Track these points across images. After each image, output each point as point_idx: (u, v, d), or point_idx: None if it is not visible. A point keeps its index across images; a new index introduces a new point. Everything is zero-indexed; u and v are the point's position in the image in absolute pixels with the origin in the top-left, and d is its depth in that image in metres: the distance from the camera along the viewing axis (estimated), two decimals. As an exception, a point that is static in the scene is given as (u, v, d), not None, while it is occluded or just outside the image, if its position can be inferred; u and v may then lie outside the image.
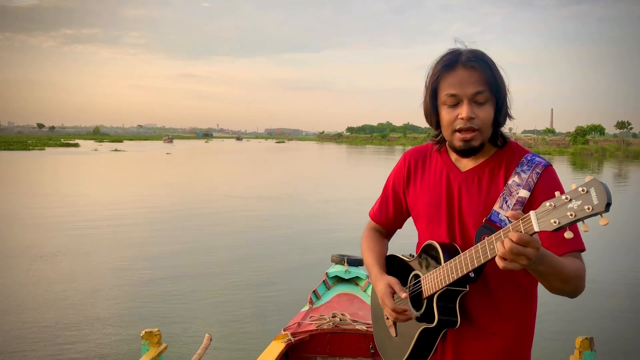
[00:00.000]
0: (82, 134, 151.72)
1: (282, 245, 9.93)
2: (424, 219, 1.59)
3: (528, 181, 1.42)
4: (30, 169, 29.36)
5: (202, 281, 7.54)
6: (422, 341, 1.53)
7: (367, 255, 1.73)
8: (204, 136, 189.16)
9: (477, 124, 1.43)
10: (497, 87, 1.43)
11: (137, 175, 26.16)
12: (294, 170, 32.32)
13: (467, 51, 1.43)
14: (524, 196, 1.41)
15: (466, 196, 1.50)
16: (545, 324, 6.00)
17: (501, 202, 1.43)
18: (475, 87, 1.41)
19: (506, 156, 1.49)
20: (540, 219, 1.15)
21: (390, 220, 1.75)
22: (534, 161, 1.45)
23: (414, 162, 1.65)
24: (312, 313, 3.86)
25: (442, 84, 1.45)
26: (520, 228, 1.19)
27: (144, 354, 2.78)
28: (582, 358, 2.73)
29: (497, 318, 1.49)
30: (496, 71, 1.43)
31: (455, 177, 1.53)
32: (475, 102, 1.42)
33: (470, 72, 1.41)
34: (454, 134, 1.47)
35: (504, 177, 1.46)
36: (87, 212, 13.55)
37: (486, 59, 1.42)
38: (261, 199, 17.00)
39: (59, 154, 45.12)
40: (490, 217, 1.43)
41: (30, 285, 7.15)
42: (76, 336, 5.47)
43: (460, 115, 1.43)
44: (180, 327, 5.72)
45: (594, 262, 8.98)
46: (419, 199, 1.61)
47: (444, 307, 1.47)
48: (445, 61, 1.44)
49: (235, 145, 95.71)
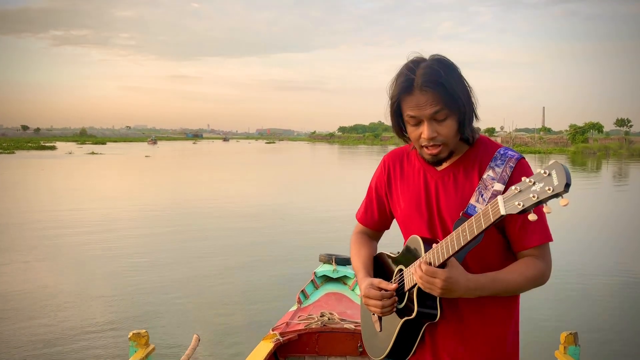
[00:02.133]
0: (68, 136, 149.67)
1: (270, 246, 9.92)
2: (406, 218, 1.65)
3: (502, 175, 1.47)
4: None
5: (189, 282, 7.51)
6: (403, 334, 1.57)
7: (354, 260, 1.80)
8: (193, 137, 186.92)
9: (440, 140, 1.49)
10: (455, 102, 1.46)
11: (97, 182, 22.80)
12: (280, 172, 32.13)
13: (422, 72, 1.45)
14: (498, 189, 1.46)
15: (443, 193, 1.56)
16: (530, 319, 6.06)
17: (477, 195, 1.49)
18: (432, 108, 1.45)
19: (480, 152, 1.56)
20: (507, 203, 1.21)
21: (376, 222, 1.81)
22: (507, 155, 1.50)
23: (392, 165, 1.72)
24: (301, 312, 3.87)
25: (403, 105, 1.51)
26: (489, 212, 1.26)
27: (131, 355, 2.77)
28: (567, 353, 2.77)
29: (481, 318, 1.54)
30: (452, 87, 1.45)
31: (432, 176, 1.60)
32: (435, 120, 1.47)
33: (426, 95, 1.45)
34: (421, 148, 1.54)
35: (479, 172, 1.52)
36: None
37: (441, 78, 1.44)
38: (246, 200, 16.96)
39: (25, 158, 42.04)
40: (467, 210, 1.49)
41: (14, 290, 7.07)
42: (63, 338, 5.43)
43: (423, 135, 1.49)
44: (168, 328, 5.70)
45: (578, 257, 9.11)
46: (401, 199, 1.67)
47: (424, 298, 1.50)
48: (402, 85, 1.48)
49: (222, 146, 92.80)
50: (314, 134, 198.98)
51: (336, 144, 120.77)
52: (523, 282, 1.47)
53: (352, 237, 1.87)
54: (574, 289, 7.34)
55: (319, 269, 4.73)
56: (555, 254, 1.55)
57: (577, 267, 8.38)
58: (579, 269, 8.30)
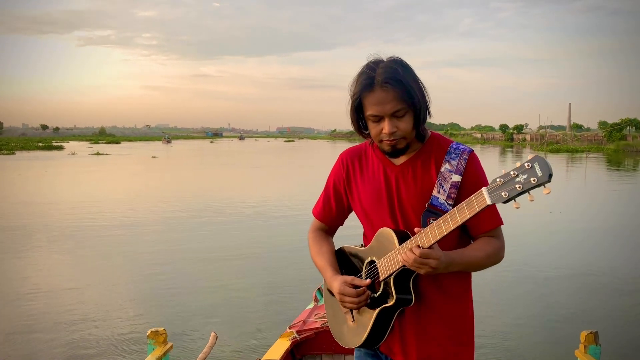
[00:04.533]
0: (87, 135, 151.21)
1: (287, 243, 9.94)
2: (368, 211, 1.76)
3: (458, 167, 1.63)
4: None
5: (207, 280, 7.57)
6: (379, 321, 1.66)
7: (318, 259, 1.87)
8: (212, 136, 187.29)
9: (399, 135, 1.62)
10: (412, 99, 1.58)
11: (74, 188, 19.64)
12: (296, 173, 32.09)
13: (382, 71, 1.57)
14: (456, 180, 1.62)
15: (403, 186, 1.68)
16: (549, 318, 6.00)
17: (438, 187, 1.63)
18: (393, 106, 1.57)
19: (434, 147, 1.69)
20: (492, 194, 1.34)
21: (333, 218, 1.91)
22: (460, 149, 1.66)
23: (350, 161, 1.83)
24: (317, 311, 3.87)
25: (365, 102, 1.62)
26: (474, 203, 1.38)
27: (150, 353, 2.80)
28: (587, 352, 2.74)
29: (442, 296, 1.68)
30: (410, 85, 1.57)
31: (392, 170, 1.71)
32: (395, 117, 1.59)
33: (387, 92, 1.56)
34: (381, 142, 1.65)
35: (435, 166, 1.66)
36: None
37: (400, 76, 1.56)
38: (263, 199, 17.02)
39: (19, 160, 38.93)
40: (432, 202, 1.63)
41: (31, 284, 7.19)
42: (82, 336, 5.50)
43: (384, 131, 1.61)
44: (186, 326, 5.74)
45: (600, 256, 8.97)
46: (361, 194, 1.77)
47: (400, 285, 1.62)
48: (364, 83, 1.59)
49: (238, 145, 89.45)
50: (335, 132, 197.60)
51: (357, 142, 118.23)
52: (484, 257, 1.63)
53: (310, 236, 1.95)
54: (596, 287, 7.23)
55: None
56: (579, 253, 1.55)
57: (601, 265, 8.26)
58: (602, 267, 8.17)
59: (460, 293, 1.72)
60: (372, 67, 1.59)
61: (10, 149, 55.27)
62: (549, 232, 11.18)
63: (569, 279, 7.55)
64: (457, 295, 1.71)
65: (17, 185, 20.67)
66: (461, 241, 1.70)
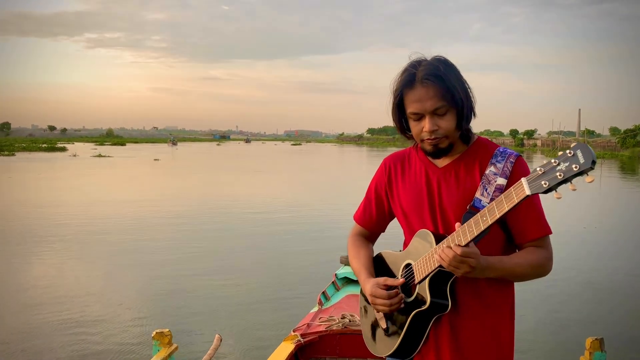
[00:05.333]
0: (95, 136, 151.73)
1: (291, 247, 9.95)
2: (409, 215, 1.71)
3: (504, 170, 1.56)
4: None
5: (212, 283, 7.57)
6: (413, 328, 1.59)
7: (354, 262, 1.83)
8: (220, 138, 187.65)
9: (441, 133, 1.57)
10: (454, 97, 1.54)
11: (54, 194, 17.96)
12: (296, 177, 32.04)
13: (423, 68, 1.55)
14: (501, 183, 1.55)
15: (445, 189, 1.63)
16: (554, 323, 5.97)
17: (482, 189, 1.57)
18: (433, 103, 1.54)
19: (479, 151, 1.64)
20: (531, 183, 1.26)
21: (374, 223, 1.86)
22: (506, 152, 1.60)
23: (393, 166, 1.79)
24: (322, 314, 3.87)
25: (406, 100, 1.59)
26: (513, 194, 1.30)
27: (155, 354, 2.81)
28: (593, 359, 2.72)
29: (481, 306, 1.60)
30: (451, 82, 1.54)
31: (434, 172, 1.66)
32: (436, 115, 1.56)
33: (427, 88, 1.53)
34: (423, 141, 1.62)
35: (480, 169, 1.60)
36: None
37: (441, 72, 1.53)
38: (268, 203, 17.04)
39: (15, 161, 37.18)
40: (474, 203, 1.56)
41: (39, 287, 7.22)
42: (87, 337, 5.53)
43: (425, 129, 1.57)
44: (190, 328, 5.76)
45: (608, 261, 8.92)
46: (403, 198, 1.73)
47: (436, 289, 1.54)
48: (404, 80, 1.57)
49: (244, 148, 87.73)
50: (342, 136, 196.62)
51: (364, 146, 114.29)
52: (526, 266, 1.55)
53: (349, 240, 1.90)
54: (602, 293, 7.19)
55: (339, 271, 4.73)
56: (586, 257, 1.54)
57: (607, 271, 8.21)
58: (608, 273, 8.13)
59: (500, 304, 1.63)
60: (414, 64, 1.57)
61: (11, 150, 54.02)
62: (555, 235, 11.11)
63: (575, 284, 7.50)
64: (497, 306, 1.62)
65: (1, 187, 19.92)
66: (506, 250, 1.62)
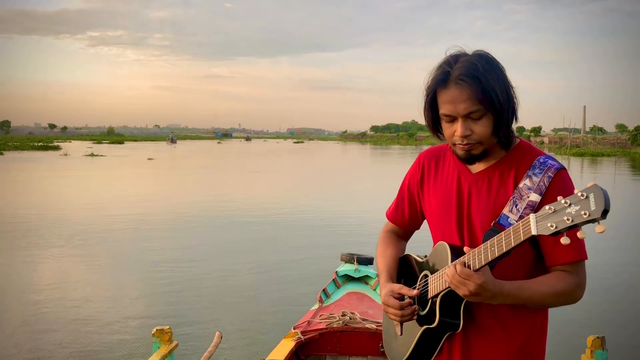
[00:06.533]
0: (96, 135, 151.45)
1: (292, 244, 9.95)
2: (436, 219, 1.60)
3: (539, 185, 1.38)
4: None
5: (213, 280, 7.58)
6: (423, 342, 1.52)
7: (379, 260, 1.74)
8: (221, 136, 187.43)
9: (474, 139, 1.42)
10: (492, 100, 1.37)
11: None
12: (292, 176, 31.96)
13: (459, 65, 1.38)
14: (534, 200, 1.37)
15: (476, 198, 1.49)
16: (555, 321, 5.95)
17: (511, 205, 1.41)
18: (467, 107, 1.38)
19: (517, 158, 1.47)
20: (539, 222, 1.14)
21: (406, 221, 1.75)
22: (547, 164, 1.41)
23: (427, 163, 1.65)
24: (322, 312, 3.87)
25: (439, 99, 1.44)
26: (520, 230, 1.19)
27: (155, 351, 2.81)
28: (594, 357, 2.72)
29: (497, 324, 1.47)
30: (489, 84, 1.36)
31: (466, 178, 1.52)
32: (470, 118, 1.40)
33: (461, 89, 1.37)
34: (454, 145, 1.47)
35: (514, 180, 1.44)
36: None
37: (479, 72, 1.36)
38: (267, 202, 17.04)
39: (6, 161, 35.41)
40: (499, 220, 1.41)
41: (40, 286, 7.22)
42: (88, 333, 5.53)
43: (456, 134, 1.43)
44: (191, 325, 5.76)
45: (606, 260, 8.90)
46: (432, 199, 1.61)
47: (447, 308, 1.45)
48: (438, 77, 1.41)
49: (244, 146, 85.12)
50: (346, 134, 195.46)
51: (368, 144, 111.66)
52: (551, 294, 1.38)
53: (381, 236, 1.80)
54: (604, 291, 7.18)
55: (340, 268, 4.73)
56: (589, 255, 1.45)
57: (606, 269, 8.20)
58: (608, 271, 8.11)
59: (522, 327, 1.47)
60: (450, 61, 1.41)
61: (2, 148, 52.28)
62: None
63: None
64: (518, 330, 1.47)
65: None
66: (536, 271, 1.44)
